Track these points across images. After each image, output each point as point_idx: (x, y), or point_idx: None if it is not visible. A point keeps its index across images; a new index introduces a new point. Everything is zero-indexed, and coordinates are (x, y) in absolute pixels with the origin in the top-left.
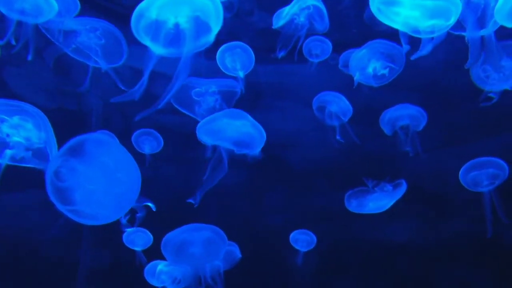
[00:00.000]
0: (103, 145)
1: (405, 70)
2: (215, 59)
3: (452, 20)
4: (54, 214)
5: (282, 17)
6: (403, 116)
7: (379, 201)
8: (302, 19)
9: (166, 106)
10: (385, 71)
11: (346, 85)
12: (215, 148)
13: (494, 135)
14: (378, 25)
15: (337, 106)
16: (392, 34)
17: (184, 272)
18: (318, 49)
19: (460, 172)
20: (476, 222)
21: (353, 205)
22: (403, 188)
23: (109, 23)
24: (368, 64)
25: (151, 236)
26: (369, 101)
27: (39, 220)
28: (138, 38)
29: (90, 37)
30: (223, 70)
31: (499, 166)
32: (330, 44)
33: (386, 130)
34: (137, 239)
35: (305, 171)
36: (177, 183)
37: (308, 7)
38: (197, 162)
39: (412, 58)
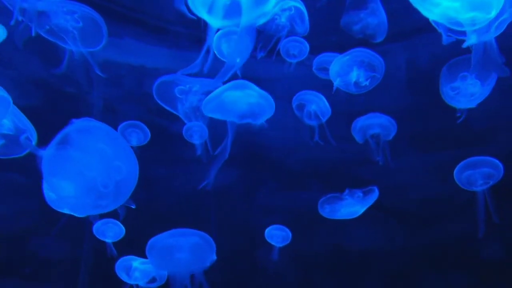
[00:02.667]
0: (100, 133)
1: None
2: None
3: (493, 13)
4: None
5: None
6: (374, 125)
7: (350, 207)
8: (283, 19)
9: (153, 106)
10: (367, 82)
11: (324, 87)
12: (203, 146)
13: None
14: (354, 31)
15: (316, 105)
16: (367, 42)
17: (158, 271)
18: (296, 49)
19: (454, 171)
20: (452, 229)
21: (326, 211)
22: (374, 195)
23: (89, 8)
24: (349, 72)
25: (123, 227)
26: (348, 104)
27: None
28: (195, 12)
29: (66, 19)
30: (219, 56)
31: (494, 165)
32: (307, 45)
33: (357, 138)
34: (107, 230)
35: (296, 171)
36: (167, 183)
37: (289, 8)
38: (186, 161)
39: (464, 46)
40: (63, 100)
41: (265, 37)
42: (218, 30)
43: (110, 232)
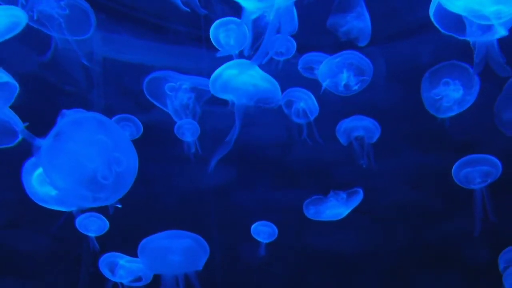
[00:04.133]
0: (99, 124)
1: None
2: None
3: None
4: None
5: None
6: (358, 127)
7: (335, 209)
8: (272, 18)
9: (144, 103)
10: (357, 86)
11: (310, 86)
12: (190, 144)
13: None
14: (339, 33)
15: (305, 103)
16: (352, 43)
17: (144, 270)
18: (283, 47)
19: (453, 169)
20: (448, 229)
21: (311, 212)
22: (359, 197)
23: None
24: (338, 73)
25: (107, 221)
26: (337, 104)
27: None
28: None
29: (52, 6)
30: (216, 46)
31: (493, 163)
32: (295, 43)
33: (342, 140)
34: (90, 224)
35: (291, 170)
36: (163, 181)
37: None
38: (180, 159)
39: (495, 38)
40: (62, 98)
41: (253, 35)
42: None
43: (93, 226)
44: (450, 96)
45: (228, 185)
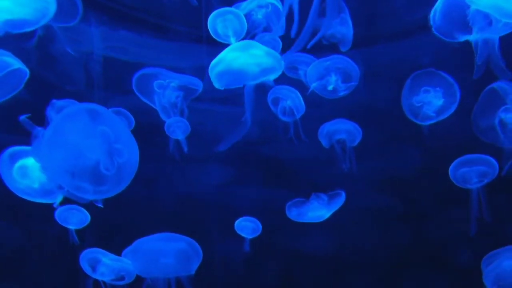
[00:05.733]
0: (97, 115)
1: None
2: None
3: None
4: None
5: (239, 10)
6: (340, 130)
7: (316, 211)
8: (259, 16)
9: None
10: (344, 92)
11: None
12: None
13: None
14: (324, 36)
15: (292, 101)
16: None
17: (128, 269)
18: (269, 46)
19: (450, 168)
20: (444, 228)
21: (294, 214)
22: (341, 199)
23: None
24: (325, 76)
25: (88, 214)
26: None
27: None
28: None
29: None
30: (214, 37)
31: (490, 164)
32: (280, 42)
33: (324, 143)
34: (70, 216)
35: (287, 170)
36: (158, 181)
37: (266, 6)
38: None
39: None
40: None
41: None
42: None
43: (74, 218)
44: (433, 103)
45: (223, 185)
